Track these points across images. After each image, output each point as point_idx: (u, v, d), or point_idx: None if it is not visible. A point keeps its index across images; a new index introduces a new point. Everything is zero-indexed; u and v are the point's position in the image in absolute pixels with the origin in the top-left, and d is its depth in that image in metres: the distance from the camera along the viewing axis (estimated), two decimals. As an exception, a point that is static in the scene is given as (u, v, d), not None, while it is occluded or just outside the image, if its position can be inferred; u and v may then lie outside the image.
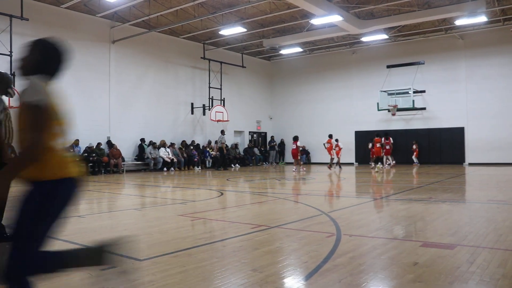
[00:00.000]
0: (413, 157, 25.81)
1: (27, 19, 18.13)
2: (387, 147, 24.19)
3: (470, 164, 25.04)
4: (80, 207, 9.35)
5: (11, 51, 17.69)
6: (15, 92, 5.94)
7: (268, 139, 31.92)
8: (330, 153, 22.64)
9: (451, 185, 12.92)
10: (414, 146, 25.98)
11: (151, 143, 22.81)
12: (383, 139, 23.94)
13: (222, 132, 25.02)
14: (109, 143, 21.26)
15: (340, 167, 22.82)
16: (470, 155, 25.32)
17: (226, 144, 25.19)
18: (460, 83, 25.70)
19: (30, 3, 18.68)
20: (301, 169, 21.80)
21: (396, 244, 5.13)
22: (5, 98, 5.80)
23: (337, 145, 22.92)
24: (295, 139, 21.94)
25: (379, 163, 22.37)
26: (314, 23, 21.65)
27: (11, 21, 17.69)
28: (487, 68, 24.89)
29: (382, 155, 23.59)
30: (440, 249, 4.74)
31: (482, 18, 20.52)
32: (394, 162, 25.03)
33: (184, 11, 21.11)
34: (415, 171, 20.24)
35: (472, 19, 20.71)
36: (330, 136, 22.87)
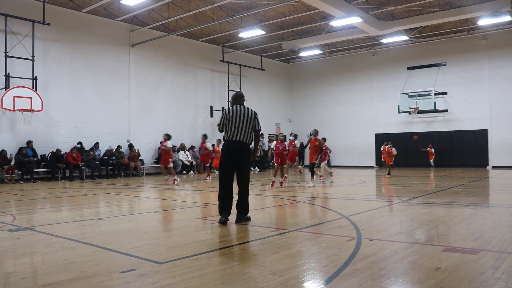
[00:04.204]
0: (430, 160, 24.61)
1: (49, 24, 18.47)
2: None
3: (494, 167, 24.59)
4: (100, 210, 9.45)
5: (33, 55, 18.02)
6: None
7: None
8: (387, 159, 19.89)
9: (474, 189, 12.68)
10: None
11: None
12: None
13: (262, 135, 25.90)
14: (130, 146, 21.45)
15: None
16: (494, 158, 24.87)
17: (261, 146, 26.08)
18: (483, 85, 25.28)
19: (51, 8, 19.01)
20: (284, 180, 15.03)
21: (418, 249, 5.04)
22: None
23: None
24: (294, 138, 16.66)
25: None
26: (334, 25, 21.53)
27: (33, 26, 18.02)
28: (511, 69, 24.43)
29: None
30: (463, 254, 4.64)
31: (506, 18, 20.14)
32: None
33: (203, 14, 21.21)
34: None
35: (495, 19, 20.35)
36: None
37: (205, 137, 17.73)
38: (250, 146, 7.15)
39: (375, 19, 21.86)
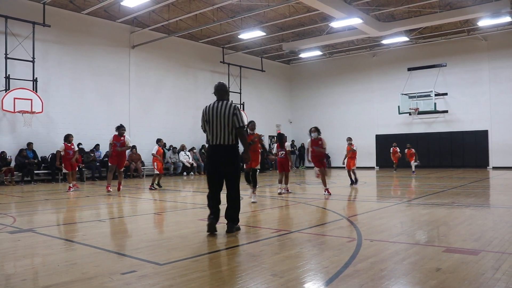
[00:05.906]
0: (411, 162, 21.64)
1: (49, 26, 18.50)
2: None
3: (494, 168, 24.58)
4: (101, 212, 9.45)
5: (33, 57, 18.03)
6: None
7: (288, 142, 31.77)
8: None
9: (475, 189, 12.67)
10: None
11: (171, 148, 22.94)
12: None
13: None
14: (131, 147, 21.40)
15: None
16: (494, 159, 24.86)
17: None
18: (483, 85, 25.28)
19: (52, 10, 19.02)
20: (284, 190, 12.68)
21: (418, 249, 5.04)
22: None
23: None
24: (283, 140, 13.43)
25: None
26: (334, 26, 21.55)
27: (33, 28, 18.04)
28: (511, 70, 24.45)
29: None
30: (463, 255, 4.64)
31: (506, 19, 20.14)
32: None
33: (203, 16, 21.23)
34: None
35: (495, 20, 20.35)
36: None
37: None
38: (239, 146, 6.38)
39: (375, 20, 21.87)
